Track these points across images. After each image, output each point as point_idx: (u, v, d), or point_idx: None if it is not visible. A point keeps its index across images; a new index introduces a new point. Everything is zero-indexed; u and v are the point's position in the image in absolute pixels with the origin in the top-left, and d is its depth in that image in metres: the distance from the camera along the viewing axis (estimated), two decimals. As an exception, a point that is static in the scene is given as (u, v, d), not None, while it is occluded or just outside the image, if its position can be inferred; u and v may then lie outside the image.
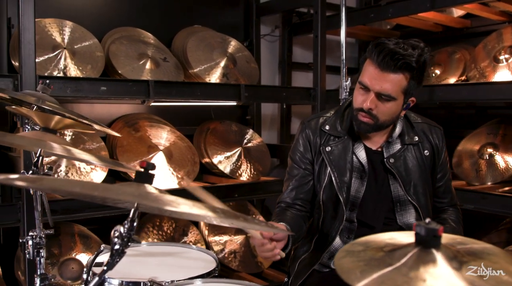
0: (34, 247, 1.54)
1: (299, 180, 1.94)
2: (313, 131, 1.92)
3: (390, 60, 1.63)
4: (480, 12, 3.41)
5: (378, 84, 1.68)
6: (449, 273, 0.73)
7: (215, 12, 4.00)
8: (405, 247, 0.79)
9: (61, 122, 1.32)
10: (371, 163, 1.87)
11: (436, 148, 1.90)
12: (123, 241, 1.00)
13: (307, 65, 4.42)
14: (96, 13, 3.45)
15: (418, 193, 1.84)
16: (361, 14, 3.61)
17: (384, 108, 1.72)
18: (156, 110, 3.71)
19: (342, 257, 0.80)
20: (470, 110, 3.95)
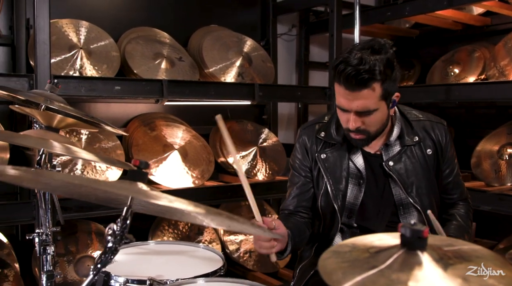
0: (40, 244, 1.56)
1: (300, 188, 1.93)
2: (309, 138, 1.90)
3: (354, 79, 1.58)
4: (500, 9, 3.33)
5: (353, 104, 1.63)
6: (434, 275, 0.71)
7: (232, 11, 4.01)
8: (390, 249, 0.78)
9: (63, 121, 1.34)
10: (371, 167, 1.83)
11: (439, 145, 1.85)
12: (116, 238, 1.01)
13: (324, 64, 4.40)
14: (113, 14, 3.49)
15: (420, 194, 1.80)
16: (377, 13, 3.57)
17: (370, 121, 1.68)
18: (172, 109, 3.73)
19: (327, 258, 0.79)
20: (490, 110, 3.87)
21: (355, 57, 1.59)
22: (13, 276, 2.93)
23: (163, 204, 0.85)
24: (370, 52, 1.61)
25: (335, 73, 1.64)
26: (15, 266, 2.97)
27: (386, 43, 1.65)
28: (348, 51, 1.64)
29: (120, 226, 1.01)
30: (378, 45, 1.63)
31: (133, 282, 1.63)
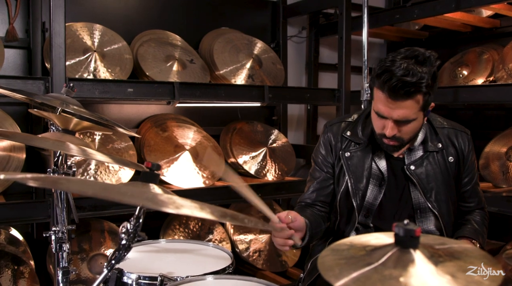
0: (56, 242, 1.63)
1: (321, 183, 1.97)
2: (334, 135, 1.94)
3: (401, 90, 1.59)
4: (509, 12, 3.36)
5: (394, 113, 1.66)
6: (425, 272, 0.76)
7: (242, 14, 4.07)
8: (385, 247, 0.83)
9: (79, 124, 1.41)
10: (392, 169, 1.87)
11: (462, 154, 1.88)
12: (129, 236, 1.06)
13: (334, 66, 4.43)
14: (126, 17, 3.56)
15: (439, 200, 1.83)
16: (387, 15, 3.60)
17: (406, 129, 1.71)
18: (183, 110, 3.80)
19: (326, 255, 0.85)
20: (499, 112, 3.88)
21: (401, 67, 1.59)
22: (29, 273, 3.01)
23: (171, 211, 0.91)
24: (414, 63, 1.61)
25: (378, 81, 1.65)
26: (31, 263, 3.06)
27: (431, 55, 1.66)
28: (390, 59, 1.64)
29: (133, 224, 1.06)
30: (423, 57, 1.63)
31: (144, 278, 1.70)
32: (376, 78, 1.66)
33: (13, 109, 3.14)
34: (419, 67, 1.60)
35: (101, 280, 1.14)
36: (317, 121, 4.45)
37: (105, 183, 1.03)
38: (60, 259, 1.65)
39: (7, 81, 2.57)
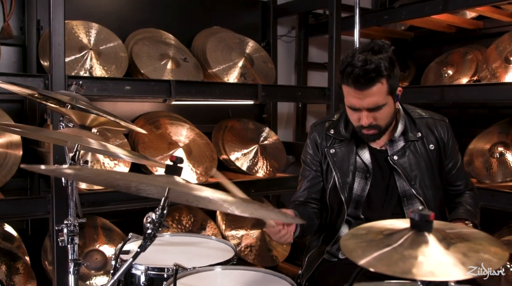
0: (68, 235, 1.68)
1: (311, 181, 2.07)
2: (319, 134, 2.05)
3: (363, 79, 1.71)
4: (492, 14, 3.48)
5: (364, 102, 1.77)
6: (439, 252, 0.85)
7: (233, 13, 4.13)
8: (401, 231, 0.92)
9: (96, 120, 1.46)
10: (376, 161, 1.96)
11: (442, 141, 1.98)
12: (155, 226, 1.13)
13: (322, 65, 4.54)
14: (119, 15, 3.60)
15: (423, 186, 1.93)
16: (375, 16, 3.70)
17: (381, 115, 1.81)
18: (175, 108, 3.85)
19: (347, 239, 0.93)
20: (482, 110, 4.02)
21: (359, 59, 1.72)
22: (24, 268, 3.03)
23: (202, 194, 0.98)
24: (371, 53, 1.74)
25: (342, 76, 1.77)
26: (26, 259, 3.08)
27: (384, 44, 1.79)
28: (350, 55, 1.77)
29: (159, 214, 1.13)
30: (378, 46, 1.77)
31: (153, 269, 1.76)
32: (341, 75, 1.78)
33: (8, 106, 3.16)
34: (375, 55, 1.74)
35: (126, 268, 1.21)
36: (306, 119, 4.54)
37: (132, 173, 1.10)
38: (72, 251, 1.71)
39: (6, 78, 2.59)
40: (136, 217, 3.74)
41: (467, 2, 3.10)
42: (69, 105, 1.69)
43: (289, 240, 1.74)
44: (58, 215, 2.68)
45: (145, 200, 3.09)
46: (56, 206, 2.67)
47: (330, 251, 2.00)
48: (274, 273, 1.70)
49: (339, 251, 2.00)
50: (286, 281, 1.64)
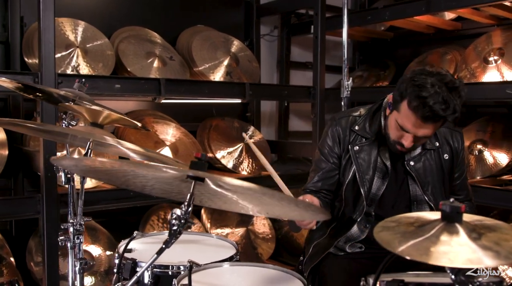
0: (74, 234, 1.67)
1: (326, 173, 2.09)
2: (343, 129, 2.06)
3: (432, 118, 1.69)
4: (471, 15, 3.60)
5: (419, 131, 1.77)
6: (471, 241, 0.90)
7: (217, 12, 4.14)
8: (432, 222, 0.96)
9: (108, 117, 1.46)
10: (394, 164, 2.01)
11: (456, 151, 2.04)
12: (181, 222, 1.14)
13: (304, 64, 4.59)
14: (103, 12, 3.56)
15: (435, 194, 1.99)
16: (358, 16, 3.77)
17: (421, 142, 1.89)
18: (159, 107, 3.84)
19: (380, 231, 0.97)
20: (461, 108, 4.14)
21: (439, 98, 1.65)
22: (9, 269, 2.98)
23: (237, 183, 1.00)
24: (447, 90, 1.67)
25: (408, 102, 1.71)
26: (11, 260, 3.03)
27: (460, 84, 1.73)
28: (420, 82, 1.68)
29: (185, 211, 1.14)
30: (452, 84, 1.70)
31: (159, 267, 1.76)
32: (407, 99, 1.72)
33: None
34: (452, 96, 1.68)
35: (151, 262, 1.22)
36: (289, 118, 4.59)
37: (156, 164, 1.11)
38: (77, 250, 1.70)
39: (-6, 76, 2.55)
40: (121, 216, 3.72)
41: (449, 4, 3.20)
42: (82, 103, 1.67)
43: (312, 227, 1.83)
44: (48, 215, 2.65)
45: (133, 199, 3.08)
46: (47, 206, 2.64)
47: (337, 245, 2.04)
48: (282, 269, 1.73)
49: (347, 244, 2.04)
50: (294, 276, 1.66)
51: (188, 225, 1.17)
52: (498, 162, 3.55)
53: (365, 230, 2.03)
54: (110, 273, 3.34)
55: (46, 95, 1.79)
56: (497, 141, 3.61)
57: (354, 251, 2.04)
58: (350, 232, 2.03)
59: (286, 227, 4.27)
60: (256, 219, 4.11)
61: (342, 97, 3.03)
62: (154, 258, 1.21)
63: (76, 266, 1.68)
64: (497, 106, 3.98)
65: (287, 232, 4.30)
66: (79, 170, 1.24)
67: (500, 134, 3.64)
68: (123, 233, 3.54)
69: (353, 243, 2.04)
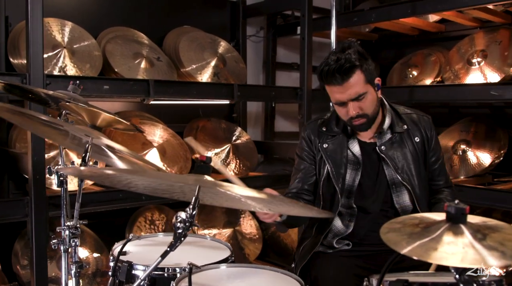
0: (70, 237, 1.66)
1: (305, 173, 2.18)
2: (312, 131, 2.20)
3: (338, 74, 1.90)
4: (455, 18, 3.67)
5: (345, 94, 1.94)
6: (477, 242, 0.93)
7: (203, 13, 4.14)
8: (437, 223, 0.99)
9: (106, 120, 1.45)
10: (366, 153, 2.10)
11: (426, 135, 2.14)
12: (186, 225, 1.15)
13: (290, 65, 4.62)
14: (89, 13, 3.53)
15: (410, 175, 2.06)
16: (345, 18, 3.81)
17: (365, 104, 1.97)
18: (146, 108, 3.82)
19: (387, 232, 0.99)
20: (443, 109, 4.22)
21: (332, 59, 1.93)
22: (-5, 273, 2.94)
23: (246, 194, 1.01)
24: (341, 51, 1.94)
25: (322, 78, 1.96)
26: (-4, 263, 2.99)
27: (351, 42, 1.99)
28: (325, 59, 1.97)
29: (190, 214, 1.15)
30: (346, 44, 1.97)
31: (155, 269, 1.76)
32: (320, 77, 1.98)
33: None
34: (345, 52, 1.94)
35: (155, 265, 1.22)
36: (275, 118, 4.61)
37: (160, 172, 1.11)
38: (73, 253, 1.68)
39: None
40: (107, 218, 3.68)
41: (434, 7, 3.26)
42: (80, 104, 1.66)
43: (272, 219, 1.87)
44: (37, 218, 2.62)
45: (122, 201, 3.07)
46: (35, 208, 2.61)
47: (325, 242, 2.08)
48: (278, 270, 1.74)
49: (334, 239, 2.09)
50: (291, 277, 1.68)
51: (193, 226, 1.17)
52: (481, 162, 3.63)
53: (350, 224, 2.08)
54: (98, 276, 3.32)
55: (38, 97, 1.77)
56: (480, 141, 3.69)
57: (342, 248, 2.09)
58: (335, 226, 2.09)
59: (273, 228, 4.29)
60: (243, 220, 4.12)
61: (330, 99, 3.05)
62: (159, 261, 1.22)
63: (72, 269, 1.66)
64: (480, 107, 4.06)
65: (273, 233, 4.32)
66: (83, 175, 1.23)
67: (483, 134, 3.72)
68: (110, 235, 3.54)
69: (340, 239, 2.09)
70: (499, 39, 3.54)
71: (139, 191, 1.31)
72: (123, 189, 3.07)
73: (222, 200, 1.35)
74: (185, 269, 1.77)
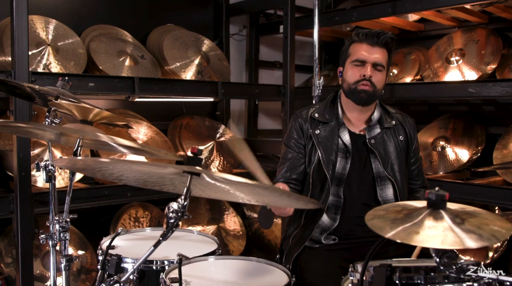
0: (60, 231, 1.68)
1: (293, 162, 2.21)
2: (304, 119, 2.23)
3: (376, 37, 2.07)
4: (434, 17, 3.75)
5: (372, 55, 2.08)
6: (457, 225, 0.98)
7: (186, 11, 4.17)
8: (419, 210, 1.04)
9: (98, 115, 1.48)
10: (355, 144, 2.17)
11: (410, 136, 2.24)
12: (178, 215, 1.18)
13: (272, 63, 4.67)
14: (73, 10, 3.53)
15: (394, 170, 2.15)
16: (326, 17, 3.86)
17: (378, 77, 2.10)
18: (129, 105, 3.83)
19: (371, 219, 1.04)
20: (423, 107, 4.31)
21: (373, 30, 2.12)
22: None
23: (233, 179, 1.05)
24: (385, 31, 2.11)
25: (359, 35, 2.11)
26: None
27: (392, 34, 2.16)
28: None
29: (182, 204, 1.18)
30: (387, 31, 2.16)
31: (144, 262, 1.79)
32: (357, 37, 2.13)
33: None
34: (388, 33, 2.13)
35: (148, 255, 1.26)
36: (258, 116, 4.66)
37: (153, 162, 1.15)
38: (64, 247, 1.70)
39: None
40: (89, 216, 3.68)
41: (414, 6, 3.34)
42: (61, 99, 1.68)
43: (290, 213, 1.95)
44: (22, 214, 2.62)
45: (107, 198, 3.08)
46: (21, 205, 2.61)
47: (313, 237, 2.12)
48: (266, 261, 1.79)
49: (322, 235, 2.14)
50: (278, 268, 1.73)
51: (186, 217, 1.21)
52: (460, 158, 3.72)
53: (336, 216, 2.13)
54: (82, 273, 3.33)
55: (24, 92, 1.78)
56: (458, 138, 3.79)
57: (329, 242, 2.14)
58: (322, 221, 2.14)
59: (256, 224, 4.33)
60: (226, 217, 4.16)
61: (313, 96, 3.11)
62: (152, 250, 1.25)
63: (62, 262, 1.68)
64: (458, 104, 4.16)
65: (257, 229, 4.37)
66: (76, 167, 1.26)
67: (461, 131, 3.82)
68: (94, 232, 3.54)
69: (327, 235, 2.14)
70: (477, 39, 3.64)
71: (130, 183, 1.34)
72: (109, 186, 3.12)
73: (211, 191, 1.39)
74: (173, 262, 1.81)
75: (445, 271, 1.01)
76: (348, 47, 2.16)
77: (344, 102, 2.20)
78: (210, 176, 1.20)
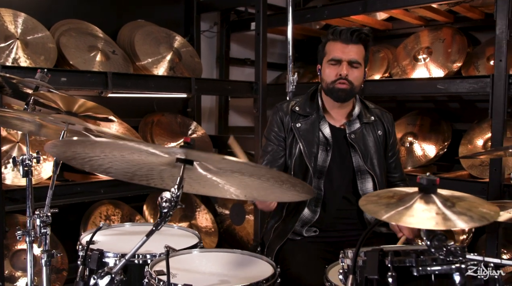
0: (41, 225, 1.65)
1: (273, 155, 2.23)
2: (285, 112, 2.25)
3: (350, 35, 2.08)
4: (402, 16, 3.85)
5: (348, 54, 2.09)
6: (448, 208, 1.03)
7: (157, 7, 4.14)
8: (410, 194, 1.08)
9: (83, 106, 1.46)
10: (335, 138, 2.20)
11: (388, 130, 2.29)
12: (171, 204, 1.19)
13: (243, 60, 4.69)
14: (42, 4, 3.45)
15: (374, 164, 2.19)
16: (298, 15, 3.90)
17: (355, 74, 2.12)
18: (99, 101, 3.72)
19: (365, 204, 1.08)
20: (391, 104, 4.42)
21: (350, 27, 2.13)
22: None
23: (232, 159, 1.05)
24: (360, 28, 2.13)
25: (334, 33, 2.11)
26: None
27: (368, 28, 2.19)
28: None
29: (175, 193, 1.19)
30: (365, 27, 2.21)
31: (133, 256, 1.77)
32: (332, 35, 2.13)
33: None
34: (363, 28, 2.14)
35: (139, 246, 1.25)
36: (229, 113, 4.66)
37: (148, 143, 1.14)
38: (44, 242, 1.67)
39: None
40: (61, 214, 3.59)
41: (383, 5, 3.41)
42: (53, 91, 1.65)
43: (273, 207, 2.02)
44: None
45: (80, 195, 3.03)
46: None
47: (295, 230, 2.15)
48: (249, 253, 1.80)
49: (303, 228, 2.16)
50: (262, 260, 1.74)
51: (179, 206, 1.21)
52: (427, 154, 3.84)
53: (317, 209, 2.16)
54: (53, 272, 3.26)
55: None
56: (426, 134, 3.90)
57: (310, 234, 2.16)
58: (303, 215, 2.16)
59: (228, 221, 4.34)
60: (198, 214, 4.15)
61: (287, 92, 3.14)
62: (144, 240, 1.25)
63: (43, 258, 1.65)
64: (425, 101, 4.28)
65: (229, 226, 4.37)
66: (65, 156, 1.24)
67: (428, 127, 3.93)
68: (63, 231, 3.47)
69: (308, 227, 2.16)
70: (443, 37, 3.75)
71: (118, 177, 1.33)
72: (82, 183, 3.07)
73: (199, 186, 1.40)
74: (155, 256, 1.80)
75: (436, 253, 1.04)
76: (324, 46, 2.18)
77: (324, 97, 2.23)
78: (209, 160, 1.20)
